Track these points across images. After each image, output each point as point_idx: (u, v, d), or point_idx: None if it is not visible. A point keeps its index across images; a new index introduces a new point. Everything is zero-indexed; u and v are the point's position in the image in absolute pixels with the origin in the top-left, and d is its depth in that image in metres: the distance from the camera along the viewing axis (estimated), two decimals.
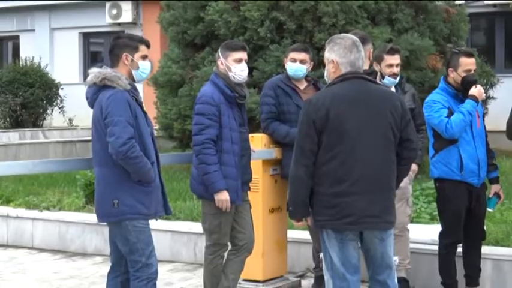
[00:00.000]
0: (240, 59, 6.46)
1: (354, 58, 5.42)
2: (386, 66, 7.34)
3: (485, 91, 14.62)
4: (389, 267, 5.57)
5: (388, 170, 5.44)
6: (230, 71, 6.45)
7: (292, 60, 7.51)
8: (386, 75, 7.30)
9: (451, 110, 6.88)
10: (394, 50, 7.45)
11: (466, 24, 13.76)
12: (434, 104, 6.93)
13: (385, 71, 7.33)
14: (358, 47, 5.44)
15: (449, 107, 6.89)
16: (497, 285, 7.41)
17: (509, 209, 9.21)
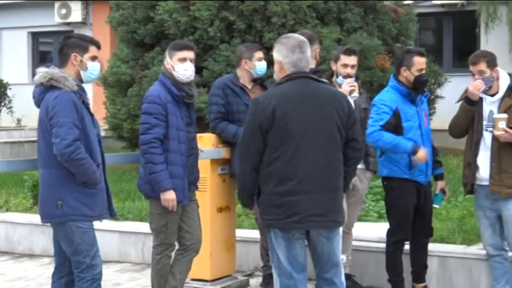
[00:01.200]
0: (184, 58, 6.45)
1: (297, 59, 5.44)
2: (341, 66, 7.38)
3: (433, 90, 14.79)
4: (336, 266, 5.61)
5: (334, 169, 5.47)
6: (174, 70, 6.44)
7: (259, 59, 7.55)
8: (340, 75, 7.35)
9: (397, 110, 6.94)
10: (351, 51, 7.48)
11: (414, 24, 13.91)
12: (382, 105, 6.99)
13: (340, 70, 7.37)
14: (301, 48, 5.46)
15: (397, 107, 6.96)
16: (443, 281, 7.50)
17: (455, 207, 9.32)
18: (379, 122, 6.93)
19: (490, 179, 6.80)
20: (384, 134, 6.90)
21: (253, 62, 7.52)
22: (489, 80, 6.78)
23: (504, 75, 6.86)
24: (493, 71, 6.78)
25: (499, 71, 6.82)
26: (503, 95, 6.80)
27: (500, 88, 6.82)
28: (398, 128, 6.95)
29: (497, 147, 6.75)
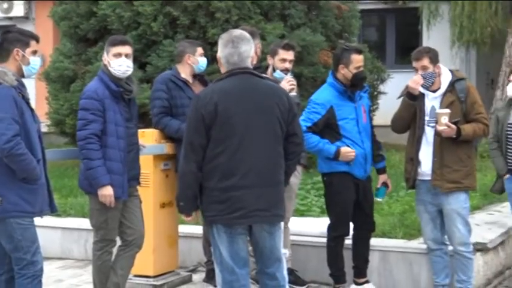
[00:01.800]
0: (119, 53, 6.42)
1: (228, 53, 5.46)
2: (280, 60, 7.41)
3: (376, 86, 14.92)
4: (278, 260, 5.64)
5: (276, 164, 5.50)
6: (110, 66, 6.42)
7: (201, 55, 7.56)
8: (278, 69, 7.38)
9: (332, 109, 7.00)
10: (289, 46, 7.52)
11: (357, 21, 14.02)
12: (315, 105, 7.07)
13: (277, 65, 7.40)
14: (234, 43, 5.47)
15: (332, 106, 7.01)
16: (384, 276, 7.57)
17: (396, 202, 9.42)
18: (307, 123, 6.99)
19: (432, 174, 6.89)
20: (309, 136, 6.97)
21: (196, 57, 7.53)
22: (431, 76, 6.86)
23: (446, 71, 6.96)
24: (436, 67, 6.87)
25: (441, 67, 6.91)
26: (445, 90, 6.89)
27: (442, 84, 6.91)
28: (334, 125, 7.01)
29: (439, 142, 6.85)
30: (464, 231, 6.97)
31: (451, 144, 6.82)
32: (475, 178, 7.08)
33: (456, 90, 6.89)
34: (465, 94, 6.89)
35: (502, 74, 14.41)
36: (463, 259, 7.01)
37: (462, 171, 6.89)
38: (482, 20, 16.55)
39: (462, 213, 6.94)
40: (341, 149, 6.98)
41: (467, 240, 7.03)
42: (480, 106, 6.97)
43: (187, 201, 5.53)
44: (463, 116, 6.88)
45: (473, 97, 6.94)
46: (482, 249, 7.72)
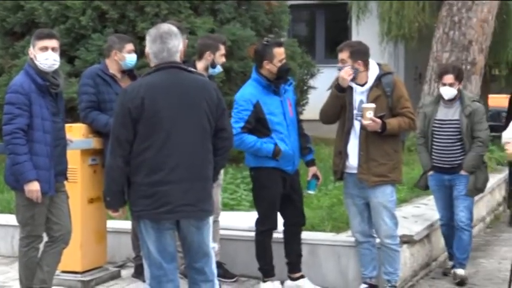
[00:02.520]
0: (45, 47, 6.35)
1: (157, 49, 5.44)
2: (221, 55, 7.44)
3: (306, 81, 15.00)
4: (206, 255, 5.63)
5: (204, 158, 5.49)
6: (36, 60, 6.34)
7: (130, 52, 7.49)
8: (218, 64, 7.39)
9: (258, 104, 7.02)
10: (223, 42, 7.61)
11: (287, 16, 14.05)
12: (241, 102, 7.07)
13: (218, 60, 7.42)
14: (162, 38, 5.44)
15: (258, 101, 7.03)
16: (313, 269, 7.62)
17: (325, 195, 9.48)
18: (239, 124, 7.00)
19: (358, 168, 6.96)
20: (245, 137, 6.99)
21: (123, 54, 7.47)
22: (354, 71, 6.93)
23: (373, 66, 7.02)
24: (356, 63, 6.92)
25: (362, 63, 6.96)
26: (371, 85, 6.96)
27: (369, 78, 6.98)
28: (262, 120, 7.03)
29: (365, 136, 6.92)
30: (391, 224, 7.06)
31: (377, 138, 6.89)
32: (401, 172, 7.17)
33: (383, 85, 6.97)
34: (391, 88, 6.97)
35: (430, 69, 14.61)
36: (390, 251, 7.10)
37: (388, 164, 6.97)
38: (410, 16, 16.80)
39: (388, 206, 7.03)
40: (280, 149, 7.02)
41: (394, 233, 7.12)
42: (406, 100, 7.05)
43: (113, 197, 5.49)
44: (389, 110, 6.96)
45: (399, 91, 7.02)
46: (408, 241, 7.83)
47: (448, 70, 8.11)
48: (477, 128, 7.98)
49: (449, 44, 14.47)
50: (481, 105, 8.16)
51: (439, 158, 8.07)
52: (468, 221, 8.15)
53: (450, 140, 8.02)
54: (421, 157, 8.26)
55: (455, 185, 8.08)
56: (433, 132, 8.06)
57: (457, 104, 8.06)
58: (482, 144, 8.00)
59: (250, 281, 7.70)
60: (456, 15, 14.44)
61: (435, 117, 8.06)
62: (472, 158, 7.96)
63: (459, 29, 14.43)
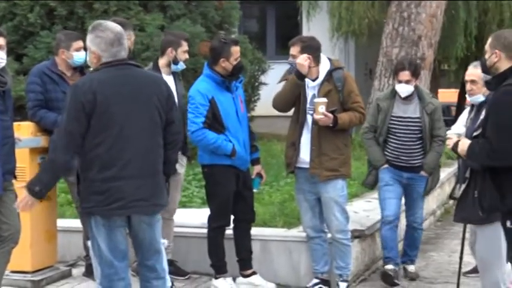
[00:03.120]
0: None
1: (116, 51, 5.39)
2: (183, 52, 7.42)
3: (257, 77, 15.00)
4: (158, 252, 5.62)
5: (156, 153, 5.49)
6: None
7: (78, 49, 7.41)
8: (181, 60, 7.37)
9: (213, 99, 7.00)
10: (186, 39, 7.61)
11: (237, 12, 14.04)
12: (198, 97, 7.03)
13: (181, 56, 7.40)
14: (120, 40, 5.41)
15: (212, 96, 7.01)
16: (265, 265, 7.63)
17: (277, 191, 9.50)
18: (200, 119, 6.97)
19: (310, 162, 6.98)
20: (207, 133, 6.97)
21: (70, 52, 7.39)
22: None
23: (324, 61, 7.05)
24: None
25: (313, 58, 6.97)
26: (322, 79, 6.98)
27: (320, 73, 7.01)
28: (217, 117, 7.01)
29: (317, 131, 6.94)
30: (342, 219, 7.10)
31: (328, 132, 6.92)
32: (350, 166, 7.23)
33: (334, 80, 7.01)
34: (342, 83, 7.01)
35: (380, 64, 14.70)
36: (341, 246, 7.14)
37: (339, 159, 7.01)
38: (360, 12, 16.91)
39: (339, 201, 7.07)
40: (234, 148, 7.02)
41: (345, 227, 7.16)
42: (357, 95, 7.09)
43: (46, 189, 5.45)
44: (340, 104, 7.00)
45: (350, 86, 7.05)
46: (360, 236, 7.88)
47: (404, 66, 7.71)
48: (437, 126, 7.75)
49: (399, 39, 14.56)
50: (438, 101, 8.02)
51: (396, 156, 7.81)
52: (421, 220, 8.17)
53: (410, 139, 7.76)
54: (371, 151, 7.91)
55: (413, 185, 7.90)
56: (390, 129, 7.77)
57: (415, 100, 7.77)
58: (442, 143, 7.70)
59: (203, 277, 7.69)
60: (405, 10, 14.53)
61: (392, 114, 7.74)
62: (433, 159, 7.80)
63: (408, 25, 14.52)
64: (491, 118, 5.25)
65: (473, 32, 17.45)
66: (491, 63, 5.37)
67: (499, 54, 5.31)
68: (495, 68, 5.37)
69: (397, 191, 7.90)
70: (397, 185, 7.88)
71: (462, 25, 17.18)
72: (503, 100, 5.18)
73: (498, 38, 5.42)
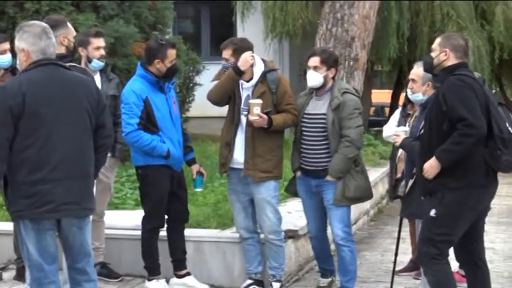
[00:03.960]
0: None
1: (45, 45, 5.33)
2: (94, 49, 7.32)
3: (192, 78, 14.98)
4: (88, 255, 5.58)
5: (86, 156, 5.44)
6: None
7: (3, 52, 7.30)
8: (94, 58, 7.26)
9: (147, 100, 6.95)
10: (100, 33, 7.48)
11: (171, 12, 13.97)
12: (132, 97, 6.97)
13: (93, 54, 7.30)
14: (48, 34, 5.37)
15: (146, 97, 6.96)
16: (199, 266, 7.61)
17: (211, 192, 9.49)
18: (135, 120, 6.92)
19: (244, 163, 6.98)
20: (143, 135, 6.93)
21: None
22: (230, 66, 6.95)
23: (259, 62, 7.04)
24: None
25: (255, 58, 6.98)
26: (256, 81, 6.98)
27: (255, 74, 6.99)
28: (151, 117, 6.97)
29: (251, 132, 6.94)
30: (274, 219, 7.11)
31: (263, 134, 6.93)
32: (282, 167, 7.22)
33: (268, 81, 7.01)
34: (276, 85, 7.02)
35: None
36: (274, 247, 7.15)
37: (273, 160, 7.03)
38: (294, 12, 16.98)
39: (272, 202, 7.09)
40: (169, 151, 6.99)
41: (278, 228, 7.18)
42: (290, 97, 7.10)
43: None
44: (274, 106, 7.00)
45: (283, 88, 7.06)
46: (293, 236, 7.90)
47: (314, 52, 7.10)
48: (345, 125, 6.89)
49: (333, 40, 14.64)
50: (353, 97, 7.00)
51: (305, 158, 7.09)
52: (345, 235, 7.09)
53: (316, 138, 7.02)
54: (291, 155, 7.33)
55: (322, 193, 7.08)
56: (302, 127, 7.09)
57: (327, 95, 7.02)
58: (351, 144, 6.87)
59: (136, 280, 7.64)
60: (339, 11, 14.62)
61: (305, 111, 7.09)
62: (338, 161, 6.89)
63: (342, 26, 14.61)
64: (450, 101, 5.60)
65: (406, 34, 17.64)
66: (440, 61, 5.82)
67: (448, 54, 5.79)
68: (441, 66, 5.82)
69: (310, 203, 7.26)
70: (310, 196, 7.22)
71: (395, 26, 17.36)
72: (456, 83, 5.65)
73: (448, 39, 5.89)
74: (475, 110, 5.58)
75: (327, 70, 6.98)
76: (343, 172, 6.94)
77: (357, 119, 6.96)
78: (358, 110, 6.96)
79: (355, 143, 6.92)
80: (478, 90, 5.67)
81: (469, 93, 5.62)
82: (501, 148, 5.60)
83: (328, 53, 7.20)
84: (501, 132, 5.62)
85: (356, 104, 6.96)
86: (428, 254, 5.75)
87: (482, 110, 5.62)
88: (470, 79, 5.71)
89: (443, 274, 5.76)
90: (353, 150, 6.92)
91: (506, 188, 14.97)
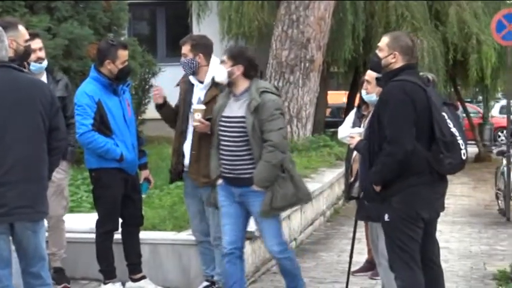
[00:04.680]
0: None
1: None
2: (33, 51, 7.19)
3: (148, 80, 14.94)
4: (42, 259, 5.53)
5: (39, 159, 5.39)
6: None
7: None
8: (31, 61, 7.14)
9: (100, 102, 6.90)
10: (34, 35, 7.27)
11: (126, 14, 13.93)
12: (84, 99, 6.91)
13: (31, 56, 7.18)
14: (1, 37, 5.31)
15: (99, 99, 6.91)
16: (155, 269, 7.58)
17: (167, 194, 9.45)
18: (88, 121, 6.86)
19: (189, 167, 6.92)
20: (97, 136, 6.87)
21: None
22: (191, 64, 6.86)
23: (214, 65, 6.86)
24: (197, 56, 6.84)
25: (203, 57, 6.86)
26: (209, 84, 6.89)
27: (207, 77, 6.87)
28: (104, 119, 6.92)
29: (198, 136, 6.82)
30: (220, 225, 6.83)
31: (208, 139, 6.72)
32: None
33: (220, 85, 6.80)
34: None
35: (269, 67, 14.84)
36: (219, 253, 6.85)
37: None
38: (249, 14, 17.02)
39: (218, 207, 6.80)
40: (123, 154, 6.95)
41: None
42: None
43: None
44: None
45: None
46: (250, 237, 7.87)
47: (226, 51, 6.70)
48: (266, 128, 6.29)
49: (288, 41, 14.74)
50: (273, 97, 6.40)
51: (225, 166, 6.50)
52: (281, 248, 6.59)
53: (236, 144, 6.42)
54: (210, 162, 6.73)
55: (248, 204, 6.50)
56: (219, 132, 6.52)
57: (244, 96, 6.44)
58: (274, 148, 6.27)
59: (92, 283, 7.59)
60: (294, 13, 14.72)
61: (222, 113, 6.51)
62: (262, 169, 6.30)
63: (297, 27, 14.71)
64: (382, 111, 5.59)
65: (361, 35, 17.76)
66: (388, 62, 5.75)
67: (396, 57, 5.71)
68: (389, 68, 5.75)
69: (231, 212, 6.56)
70: (232, 204, 6.55)
71: (350, 28, 17.47)
72: (393, 94, 5.58)
73: (397, 40, 5.79)
74: (401, 128, 5.51)
75: (232, 65, 6.42)
76: (269, 181, 6.34)
77: (278, 121, 6.36)
78: (279, 110, 6.38)
79: (278, 147, 6.30)
80: (417, 98, 5.57)
81: (401, 108, 5.53)
82: (443, 151, 5.57)
83: (238, 49, 6.83)
84: (443, 136, 5.55)
85: (276, 104, 6.38)
86: (401, 259, 5.69)
87: (422, 116, 5.55)
88: (411, 85, 5.60)
89: (412, 281, 5.72)
90: (277, 156, 6.30)
91: (461, 187, 15.13)
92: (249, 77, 6.47)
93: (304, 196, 6.66)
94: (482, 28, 18.08)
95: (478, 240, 10.37)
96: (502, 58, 17.97)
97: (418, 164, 5.58)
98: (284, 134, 6.46)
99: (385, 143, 5.55)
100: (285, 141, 6.46)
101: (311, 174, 12.00)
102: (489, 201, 13.70)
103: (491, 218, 12.18)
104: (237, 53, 6.52)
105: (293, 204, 6.69)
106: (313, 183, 11.31)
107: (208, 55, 6.93)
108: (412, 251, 5.67)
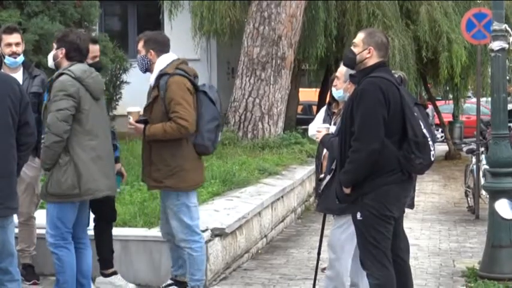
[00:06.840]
0: None
1: None
2: (5, 45, 7.13)
3: (119, 76, 14.88)
4: (11, 255, 5.56)
5: (8, 155, 5.41)
6: None
7: None
8: (6, 55, 7.10)
9: None
10: (11, 29, 7.24)
11: (97, 9, 13.86)
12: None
13: (4, 51, 7.12)
14: None
15: None
16: (125, 264, 7.55)
17: (138, 190, 9.41)
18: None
19: (142, 170, 6.88)
20: None
21: None
22: (143, 61, 6.73)
23: (162, 63, 6.66)
24: (149, 53, 6.69)
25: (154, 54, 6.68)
26: (153, 84, 6.69)
27: (152, 76, 6.71)
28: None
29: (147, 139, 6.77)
30: (180, 228, 6.81)
31: (156, 141, 6.67)
32: (182, 178, 6.71)
33: (160, 86, 6.64)
34: (164, 91, 6.60)
35: (241, 63, 14.84)
36: (187, 255, 6.86)
37: (163, 170, 6.71)
38: (221, 11, 16.97)
39: (175, 210, 6.79)
40: None
41: (186, 237, 6.82)
42: (177, 104, 6.58)
43: None
44: (164, 113, 6.65)
45: (171, 95, 6.58)
46: (220, 234, 7.89)
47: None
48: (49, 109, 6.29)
49: (260, 39, 14.75)
50: (64, 79, 6.29)
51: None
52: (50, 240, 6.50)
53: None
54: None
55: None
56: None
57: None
58: (48, 130, 6.20)
59: None
60: (266, 10, 14.73)
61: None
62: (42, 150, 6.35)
63: (269, 24, 14.73)
64: (356, 107, 5.57)
65: (333, 33, 17.78)
66: (363, 58, 5.73)
67: (371, 51, 5.70)
68: (363, 64, 5.73)
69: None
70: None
71: (322, 25, 17.47)
72: (368, 90, 5.57)
73: (372, 36, 5.78)
74: (369, 126, 5.51)
75: (56, 49, 6.47)
76: (48, 164, 6.27)
77: (59, 102, 6.20)
78: (62, 91, 6.21)
79: (51, 129, 6.15)
80: (391, 96, 5.57)
81: (374, 107, 5.52)
82: (415, 152, 5.57)
83: (62, 32, 6.72)
84: (416, 136, 5.55)
85: (61, 86, 6.24)
86: (374, 256, 5.69)
87: (395, 115, 5.56)
88: (386, 82, 5.61)
89: (385, 279, 5.73)
90: (49, 137, 6.17)
91: (431, 185, 15.20)
92: (70, 59, 6.39)
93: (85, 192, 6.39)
94: (452, 27, 18.16)
95: (448, 238, 10.43)
96: (472, 57, 18.07)
97: (389, 163, 5.59)
98: (60, 116, 6.16)
99: (352, 139, 5.57)
100: (60, 123, 6.16)
101: (282, 172, 12.03)
102: (459, 199, 13.79)
103: (460, 215, 12.26)
104: (60, 37, 6.49)
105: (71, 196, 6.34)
106: (284, 180, 11.35)
107: (160, 51, 6.71)
108: (384, 248, 5.69)
